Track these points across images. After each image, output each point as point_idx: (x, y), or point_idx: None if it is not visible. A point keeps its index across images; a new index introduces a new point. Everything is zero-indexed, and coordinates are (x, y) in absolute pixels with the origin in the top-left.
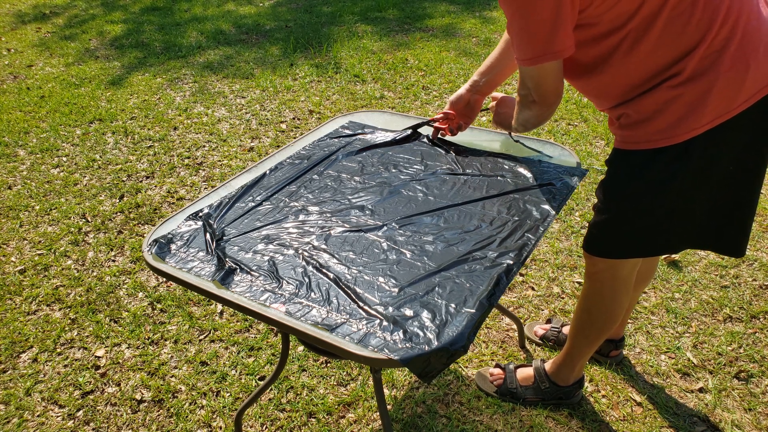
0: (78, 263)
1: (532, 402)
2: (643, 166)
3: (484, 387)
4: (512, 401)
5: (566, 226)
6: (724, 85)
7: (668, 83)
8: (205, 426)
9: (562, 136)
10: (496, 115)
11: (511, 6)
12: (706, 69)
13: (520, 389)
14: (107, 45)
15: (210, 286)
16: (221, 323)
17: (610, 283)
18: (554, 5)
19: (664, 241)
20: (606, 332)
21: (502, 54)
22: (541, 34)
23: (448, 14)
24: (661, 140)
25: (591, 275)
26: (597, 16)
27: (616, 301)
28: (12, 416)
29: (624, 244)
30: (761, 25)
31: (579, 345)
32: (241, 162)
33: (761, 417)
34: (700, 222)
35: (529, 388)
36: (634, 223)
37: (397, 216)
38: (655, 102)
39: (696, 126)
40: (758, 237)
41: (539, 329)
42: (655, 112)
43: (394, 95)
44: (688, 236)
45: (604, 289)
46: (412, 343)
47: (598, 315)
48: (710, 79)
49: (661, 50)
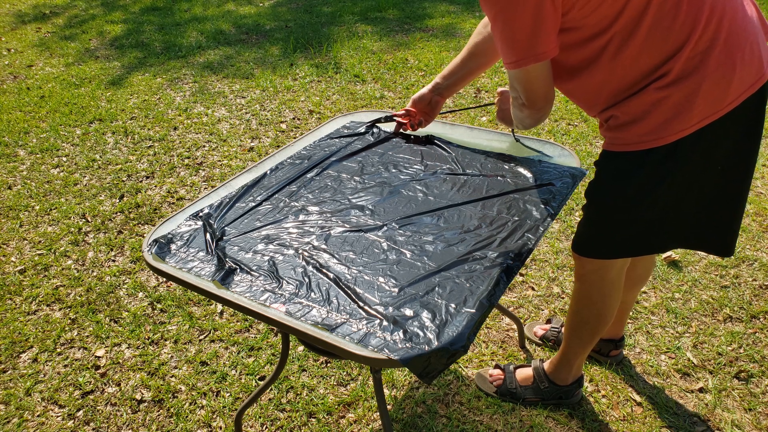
0: (78, 263)
1: (532, 402)
2: (632, 167)
3: (483, 387)
4: (512, 401)
5: (566, 226)
6: (711, 85)
7: (655, 84)
8: (205, 426)
9: (562, 136)
10: (499, 112)
11: (492, 9)
12: (693, 70)
13: (520, 389)
14: (107, 45)
15: (210, 286)
16: (221, 323)
17: (599, 284)
18: (534, 7)
19: (652, 242)
20: (598, 333)
21: (465, 60)
22: (522, 37)
23: (448, 14)
24: (649, 141)
25: (580, 276)
26: (580, 19)
27: (605, 303)
28: (12, 416)
29: (612, 244)
30: (746, 24)
31: (573, 345)
32: (241, 162)
33: (761, 417)
34: (689, 222)
35: (529, 388)
36: (623, 224)
37: (397, 216)
38: (643, 103)
39: (684, 127)
40: (758, 237)
41: (539, 329)
42: (643, 113)
43: (394, 95)
44: (677, 236)
45: (593, 290)
46: (412, 343)
47: (588, 316)
48: (697, 80)
49: (647, 53)
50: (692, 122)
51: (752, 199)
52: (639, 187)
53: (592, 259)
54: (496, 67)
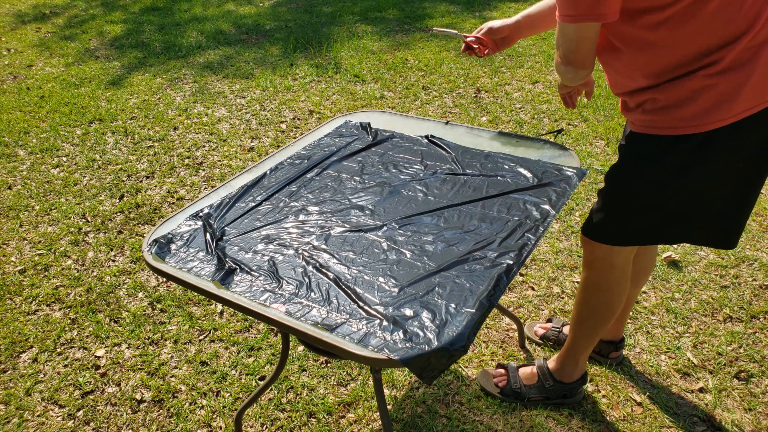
0: (78, 263)
1: (536, 401)
2: (661, 152)
3: (487, 387)
4: (516, 401)
5: (566, 226)
6: (759, 78)
7: (704, 72)
8: (205, 426)
9: (562, 136)
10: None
11: None
12: (746, 61)
13: (524, 389)
14: (107, 45)
15: (210, 286)
16: (221, 323)
17: (607, 271)
18: None
19: (665, 231)
20: (606, 323)
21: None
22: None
23: (448, 14)
24: (685, 128)
25: (589, 264)
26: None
27: (612, 291)
28: (12, 416)
29: (626, 230)
30: None
31: (579, 338)
32: (241, 162)
33: (761, 417)
34: (703, 214)
35: (533, 387)
36: (640, 211)
37: (397, 216)
38: (688, 89)
39: (724, 117)
40: (758, 237)
41: (539, 329)
42: (686, 98)
43: (394, 95)
44: (689, 228)
45: (601, 278)
46: (412, 343)
47: (596, 305)
48: (748, 72)
49: (706, 34)
50: (734, 113)
51: None
52: (665, 172)
53: (602, 245)
54: (496, 67)
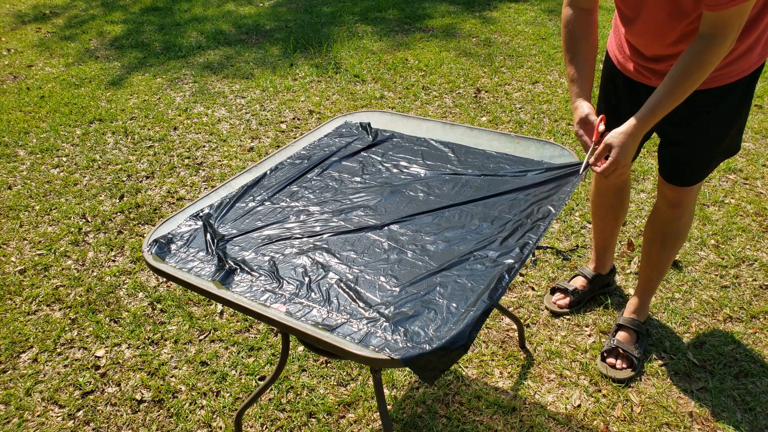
0: (78, 263)
1: (644, 354)
2: (745, 91)
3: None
4: (642, 366)
5: (566, 226)
6: None
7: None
8: (205, 426)
9: (562, 136)
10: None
11: None
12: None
13: (638, 352)
14: (107, 45)
15: (210, 286)
16: (221, 323)
17: (693, 206)
18: None
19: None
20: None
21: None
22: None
23: (448, 14)
24: (757, 63)
25: (686, 205)
26: None
27: (691, 221)
28: (12, 416)
29: (710, 168)
30: None
31: (657, 284)
32: (241, 162)
33: (761, 417)
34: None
35: (639, 345)
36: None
37: (398, 216)
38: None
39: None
40: (758, 237)
41: (560, 301)
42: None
43: (394, 95)
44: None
45: (688, 214)
46: (413, 343)
47: (683, 241)
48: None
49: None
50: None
51: (752, 199)
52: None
53: (694, 187)
54: (495, 68)
